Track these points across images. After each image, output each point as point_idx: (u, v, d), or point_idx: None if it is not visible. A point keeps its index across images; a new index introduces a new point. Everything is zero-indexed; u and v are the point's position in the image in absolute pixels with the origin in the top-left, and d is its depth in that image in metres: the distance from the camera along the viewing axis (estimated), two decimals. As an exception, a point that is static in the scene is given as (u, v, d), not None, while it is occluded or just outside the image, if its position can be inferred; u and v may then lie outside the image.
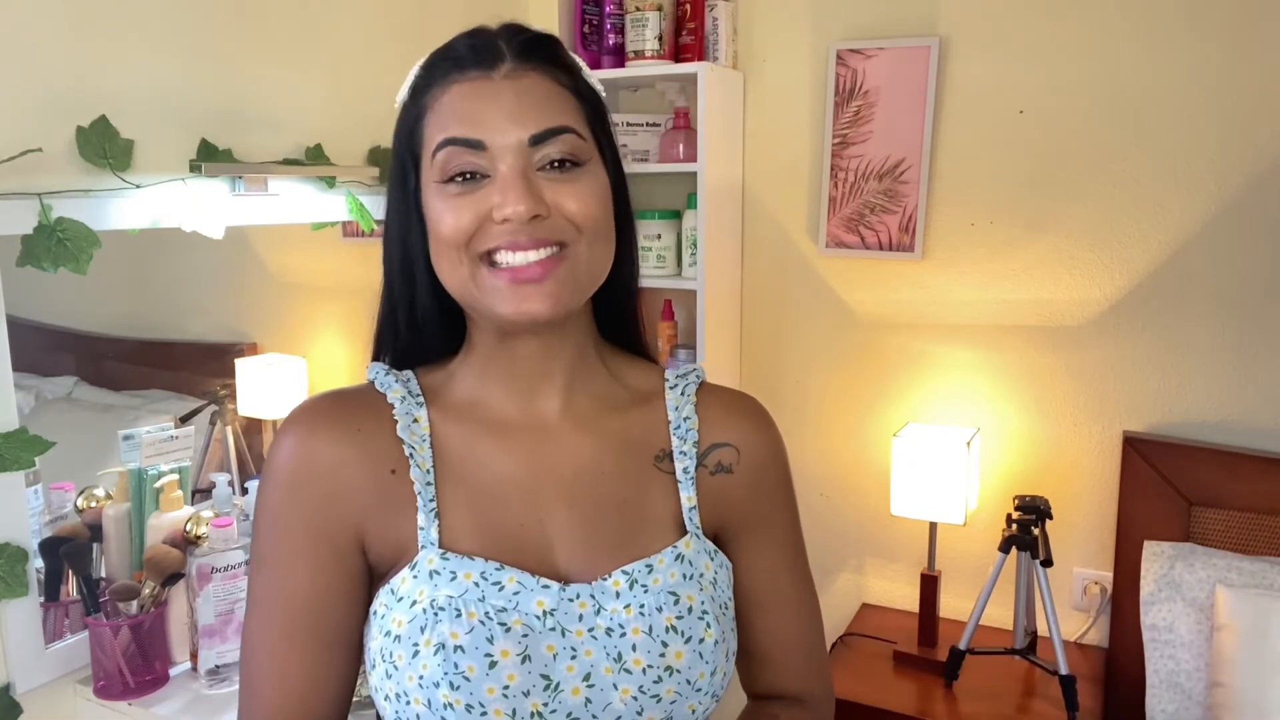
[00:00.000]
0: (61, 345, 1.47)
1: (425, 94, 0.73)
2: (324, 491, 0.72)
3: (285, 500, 0.73)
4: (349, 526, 0.73)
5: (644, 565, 0.73)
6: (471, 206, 0.69)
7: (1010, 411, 2.04)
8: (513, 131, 0.69)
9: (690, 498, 0.78)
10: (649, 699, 0.70)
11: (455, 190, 0.70)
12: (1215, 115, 1.80)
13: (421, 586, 0.70)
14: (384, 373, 0.78)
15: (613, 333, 0.83)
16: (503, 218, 0.68)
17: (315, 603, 0.72)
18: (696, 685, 0.72)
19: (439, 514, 0.73)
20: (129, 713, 1.32)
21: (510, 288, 0.69)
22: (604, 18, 2.10)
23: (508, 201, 0.68)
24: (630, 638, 0.71)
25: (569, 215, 0.70)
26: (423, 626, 0.69)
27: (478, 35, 0.73)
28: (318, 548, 0.72)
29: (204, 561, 1.35)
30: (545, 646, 0.70)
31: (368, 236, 1.79)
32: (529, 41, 0.72)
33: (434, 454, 0.75)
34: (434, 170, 0.71)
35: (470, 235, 0.69)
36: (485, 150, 0.69)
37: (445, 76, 0.72)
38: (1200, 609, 1.70)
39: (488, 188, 0.69)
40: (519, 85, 0.70)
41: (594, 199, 0.71)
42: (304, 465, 0.73)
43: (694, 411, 0.81)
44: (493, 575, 0.71)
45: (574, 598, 0.71)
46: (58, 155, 1.28)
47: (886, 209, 2.08)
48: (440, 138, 0.70)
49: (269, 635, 0.72)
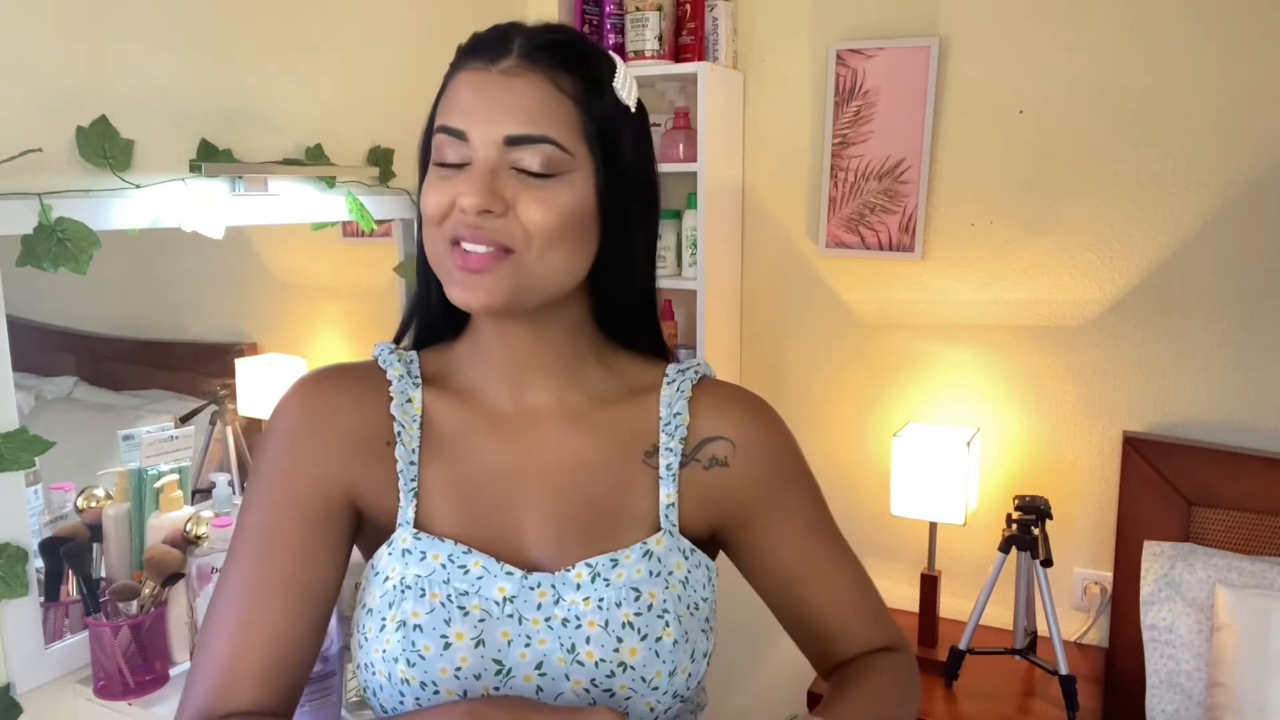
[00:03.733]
0: (61, 345, 1.47)
1: (449, 75, 0.75)
2: (325, 448, 0.75)
3: (285, 454, 0.75)
4: (343, 485, 0.75)
5: (609, 559, 0.74)
6: (448, 190, 0.71)
7: (1010, 411, 2.04)
8: (492, 127, 0.70)
9: (670, 495, 0.78)
10: (601, 692, 0.71)
11: (441, 172, 0.73)
12: (1215, 115, 1.80)
13: (394, 564, 0.73)
14: (388, 351, 0.81)
15: (623, 332, 0.83)
16: (458, 205, 0.70)
17: (299, 558, 0.72)
18: (653, 684, 0.72)
19: (418, 495, 0.76)
20: (129, 713, 1.32)
21: (459, 273, 0.72)
22: (604, 18, 2.10)
23: (464, 191, 0.70)
24: (585, 630, 0.72)
25: (523, 220, 0.70)
26: (391, 603, 0.72)
27: (502, 27, 0.74)
28: (310, 502, 0.74)
29: (204, 561, 1.35)
30: (500, 633, 0.71)
31: (368, 236, 1.79)
32: (543, 42, 0.72)
33: (423, 435, 0.77)
34: (433, 151, 0.74)
35: (443, 216, 0.72)
36: (467, 141, 0.71)
37: (461, 62, 0.74)
38: (1200, 609, 1.70)
39: (465, 174, 0.71)
40: (513, 83, 0.70)
41: (555, 210, 0.71)
42: (307, 422, 0.75)
43: (686, 408, 0.80)
44: (460, 558, 0.73)
45: (535, 586, 0.73)
46: (58, 155, 1.28)
47: (886, 209, 2.08)
48: (439, 123, 0.73)
49: (243, 583, 0.72)
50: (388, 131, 1.79)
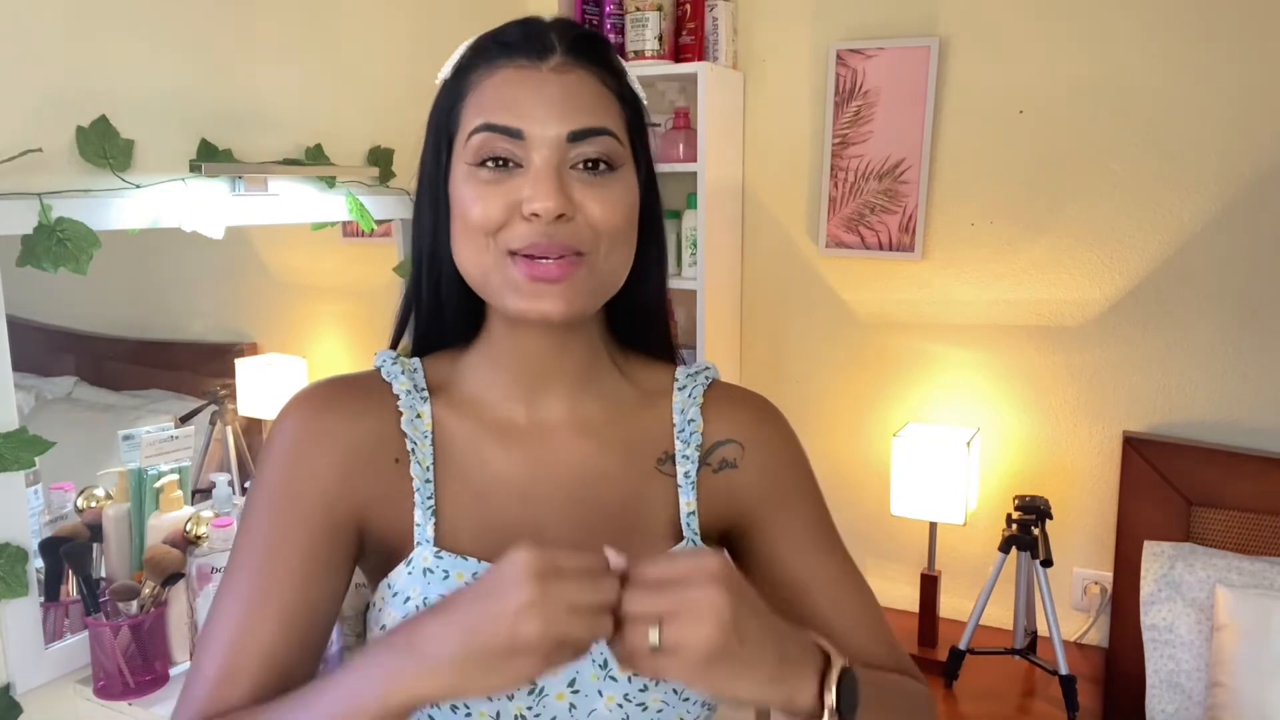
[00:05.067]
0: (61, 345, 1.47)
1: (469, 74, 0.71)
2: (329, 463, 0.72)
3: (288, 471, 0.72)
4: (350, 504, 0.72)
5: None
6: (502, 196, 0.68)
7: (1010, 411, 2.04)
8: (554, 124, 0.67)
9: (690, 503, 0.77)
10: (635, 707, 0.70)
11: (487, 176, 0.69)
12: (1215, 115, 1.80)
13: (415, 584, 0.71)
14: (390, 361, 0.78)
15: (634, 336, 0.83)
16: (531, 212, 0.66)
17: (301, 572, 0.70)
18: (684, 695, 0.72)
19: (436, 512, 0.73)
20: (129, 713, 1.32)
21: (527, 283, 0.68)
22: (604, 18, 2.10)
23: (537, 196, 0.66)
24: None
25: (592, 220, 0.68)
26: None
27: (531, 24, 0.72)
28: (311, 522, 0.71)
29: (204, 561, 1.35)
30: None
31: (368, 236, 1.79)
32: (580, 38, 0.71)
33: (435, 451, 0.75)
34: (467, 152, 0.69)
35: (499, 226, 0.68)
36: (523, 140, 0.68)
37: (492, 60, 0.70)
38: (1200, 609, 1.70)
39: (519, 178, 0.68)
40: (566, 79, 0.69)
41: (620, 206, 0.70)
42: (311, 438, 0.72)
43: (699, 413, 0.80)
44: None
45: None
46: (58, 155, 1.27)
47: (886, 209, 2.08)
48: (479, 121, 0.69)
49: (243, 595, 0.70)
50: (388, 131, 1.79)
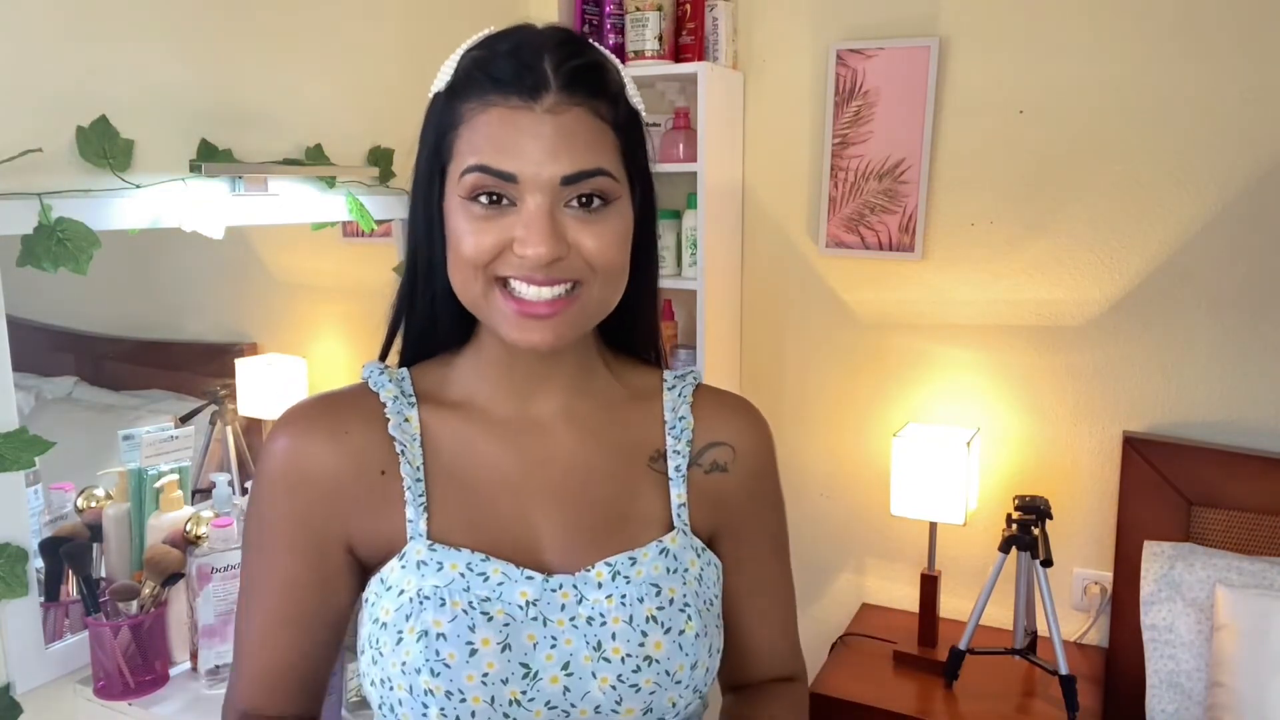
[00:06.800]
0: (61, 345, 1.46)
1: (461, 103, 0.70)
2: (313, 495, 0.75)
3: (275, 499, 0.76)
4: (335, 526, 0.76)
5: (627, 557, 0.75)
6: (494, 233, 0.69)
7: (1010, 411, 2.04)
8: (547, 168, 0.67)
9: (680, 495, 0.79)
10: (628, 688, 0.72)
11: (480, 211, 0.69)
12: (1215, 115, 1.80)
13: (409, 576, 0.73)
14: (378, 371, 0.80)
15: (622, 337, 0.84)
16: (522, 255, 0.68)
17: (299, 588, 0.76)
18: (676, 677, 0.73)
19: (428, 507, 0.75)
20: (129, 713, 1.32)
21: (517, 318, 0.70)
22: (604, 18, 2.10)
23: (529, 242, 0.67)
24: (610, 626, 0.72)
25: (587, 255, 0.69)
26: (408, 615, 0.71)
27: (522, 52, 0.69)
28: (304, 542, 0.75)
29: (204, 561, 1.35)
30: (526, 635, 0.71)
31: (368, 236, 1.79)
32: (576, 71, 0.69)
33: (424, 451, 0.77)
34: (461, 187, 0.70)
35: (490, 259, 0.69)
36: (517, 183, 0.68)
37: (484, 95, 0.69)
38: (1200, 609, 1.70)
39: (512, 216, 0.69)
40: (560, 121, 0.68)
41: (614, 240, 0.71)
42: (294, 469, 0.75)
43: (690, 412, 0.82)
44: (478, 566, 0.73)
45: (556, 588, 0.73)
46: (58, 155, 1.27)
47: (886, 209, 2.08)
48: (472, 161, 0.68)
49: (257, 616, 0.77)
50: (388, 131, 1.79)
